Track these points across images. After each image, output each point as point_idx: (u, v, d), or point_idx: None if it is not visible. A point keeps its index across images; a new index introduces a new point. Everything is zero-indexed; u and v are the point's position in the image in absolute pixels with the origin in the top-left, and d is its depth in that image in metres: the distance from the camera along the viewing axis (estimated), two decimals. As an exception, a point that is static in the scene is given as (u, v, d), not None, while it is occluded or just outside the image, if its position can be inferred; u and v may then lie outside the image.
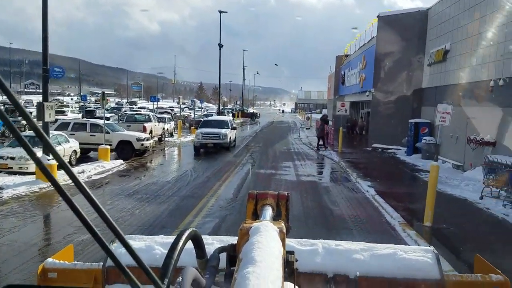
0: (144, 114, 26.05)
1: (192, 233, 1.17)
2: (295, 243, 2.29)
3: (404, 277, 2.15)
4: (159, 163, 18.70)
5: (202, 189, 12.46)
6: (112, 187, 12.91)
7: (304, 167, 17.32)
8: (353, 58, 35.23)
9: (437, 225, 8.71)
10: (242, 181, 13.98)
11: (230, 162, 18.29)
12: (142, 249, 2.34)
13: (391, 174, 16.07)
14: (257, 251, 1.10)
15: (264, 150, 23.39)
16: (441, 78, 19.44)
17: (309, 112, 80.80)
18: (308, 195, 11.88)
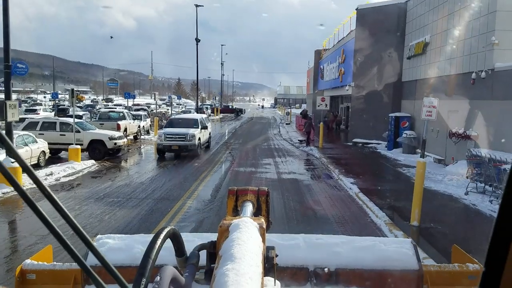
0: (118, 111, 25.08)
1: (170, 231, 1.16)
2: (276, 238, 2.28)
3: (383, 268, 2.18)
4: (133, 162, 17.90)
5: (178, 190, 11.81)
6: (82, 190, 12.11)
7: (285, 164, 16.83)
8: (331, 52, 34.94)
9: (425, 224, 8.34)
10: (221, 181, 13.38)
11: (209, 160, 17.65)
12: (122, 248, 2.33)
13: (374, 170, 15.74)
14: (236, 247, 1.11)
15: (244, 147, 22.81)
16: (421, 71, 19.25)
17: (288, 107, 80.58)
18: (289, 194, 11.38)
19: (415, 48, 19.71)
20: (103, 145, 17.68)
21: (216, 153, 20.30)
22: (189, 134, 18.34)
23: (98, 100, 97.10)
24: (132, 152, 20.90)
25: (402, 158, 17.58)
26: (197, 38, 44.66)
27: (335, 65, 32.31)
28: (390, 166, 16.23)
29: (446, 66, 16.62)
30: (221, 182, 13.12)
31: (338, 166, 15.78)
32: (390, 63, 22.27)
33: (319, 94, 40.83)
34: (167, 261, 1.36)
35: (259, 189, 1.93)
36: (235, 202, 1.89)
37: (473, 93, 14.11)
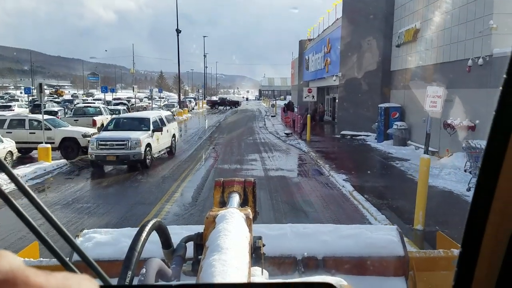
0: (94, 106, 23.72)
1: (156, 223, 1.18)
2: (264, 228, 2.27)
3: (370, 255, 2.21)
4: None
5: (155, 193, 10.77)
6: (50, 194, 10.97)
7: (272, 160, 15.90)
8: (316, 42, 34.03)
9: (430, 228, 7.52)
10: (203, 180, 12.37)
11: (192, 157, 16.60)
12: (109, 242, 2.32)
13: (366, 164, 14.93)
14: (223, 238, 1.12)
15: (228, 142, 21.80)
16: (412, 60, 18.47)
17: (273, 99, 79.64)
18: (278, 194, 10.46)
19: (404, 36, 18.91)
20: (76, 143, 16.44)
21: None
22: (132, 139, 13.42)
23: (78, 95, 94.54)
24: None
25: (393, 151, 16.84)
26: (178, 29, 43.27)
27: (321, 55, 31.43)
28: (382, 159, 15.45)
29: (439, 53, 15.85)
30: (204, 182, 12.11)
31: (328, 161, 14.93)
32: (378, 52, 21.46)
33: (304, 85, 40.01)
34: (156, 254, 1.34)
35: (246, 180, 1.93)
36: (222, 193, 1.88)
37: (470, 81, 13.36)
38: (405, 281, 2.19)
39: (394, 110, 19.16)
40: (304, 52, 41.48)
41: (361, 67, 21.91)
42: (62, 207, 9.51)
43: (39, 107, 37.14)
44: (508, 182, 0.64)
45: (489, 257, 0.66)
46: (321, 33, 32.59)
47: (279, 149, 18.95)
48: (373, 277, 2.20)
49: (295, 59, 51.38)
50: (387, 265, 2.20)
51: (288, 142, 21.34)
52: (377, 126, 20.01)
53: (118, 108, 28.60)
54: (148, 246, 1.11)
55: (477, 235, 0.66)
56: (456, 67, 14.42)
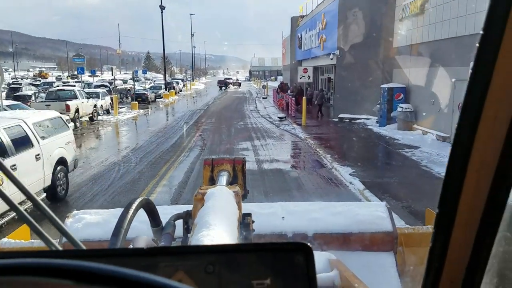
0: (68, 89, 21.59)
1: (143, 201, 1.14)
2: (255, 207, 2.25)
3: (359, 231, 2.22)
4: (83, 153, 14.77)
5: (129, 192, 9.03)
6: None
7: (265, 149, 14.18)
8: (310, 18, 31.93)
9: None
10: (187, 176, 10.63)
11: (176, 146, 14.80)
12: (99, 223, 2.29)
13: (371, 153, 13.32)
14: (211, 215, 1.11)
15: (217, 128, 19.99)
16: (418, 34, 16.68)
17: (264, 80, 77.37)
18: (275, 193, 8.78)
19: (410, 8, 17.07)
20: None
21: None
22: None
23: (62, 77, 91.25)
24: (81, 138, 17.74)
25: (399, 136, 15.21)
26: (162, 5, 40.77)
27: (315, 32, 29.40)
28: (388, 147, 13.81)
29: (452, 26, 14.07)
30: (187, 178, 10.36)
31: (328, 150, 13.26)
32: (379, 27, 19.60)
33: (297, 65, 38.03)
34: (145, 234, 1.29)
35: (235, 158, 1.92)
36: (211, 172, 1.88)
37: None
38: (393, 256, 2.19)
39: (399, 91, 17.46)
40: (296, 30, 39.31)
41: (360, 44, 20.07)
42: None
43: (17, 91, 34.94)
44: (483, 142, 0.64)
45: (466, 218, 0.66)
46: (315, 8, 30.48)
47: (272, 136, 17.21)
48: (362, 252, 2.20)
49: (287, 37, 49.14)
50: (376, 240, 2.20)
51: (282, 127, 19.60)
52: (379, 109, 18.32)
53: (97, 91, 26.43)
54: (138, 225, 1.16)
55: (454, 196, 0.67)
56: (473, 42, 12.65)
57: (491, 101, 0.63)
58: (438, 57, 14.98)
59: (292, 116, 23.24)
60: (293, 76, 39.82)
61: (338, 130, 18.03)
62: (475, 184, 0.65)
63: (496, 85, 0.63)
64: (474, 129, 0.64)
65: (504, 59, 0.62)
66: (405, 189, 8.90)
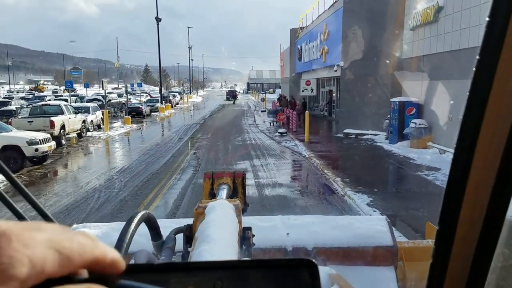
0: (54, 104, 20.15)
1: (145, 215, 1.14)
2: (254, 220, 2.25)
3: (359, 245, 2.23)
4: (61, 176, 13.25)
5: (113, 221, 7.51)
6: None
7: (266, 170, 12.72)
8: (311, 29, 30.81)
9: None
10: (176, 206, 9.14)
11: (167, 166, 13.34)
12: (98, 236, 1.74)
13: (387, 176, 11.89)
14: (212, 229, 1.13)
15: (213, 145, 18.53)
16: (431, 44, 15.40)
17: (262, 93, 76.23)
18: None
19: (421, 16, 15.82)
20: (20, 152, 13.04)
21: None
22: None
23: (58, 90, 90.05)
24: (66, 157, 16.25)
25: (414, 155, 13.78)
26: (157, 17, 39.71)
27: (316, 44, 28.24)
28: (405, 168, 12.36)
29: (472, 35, 12.78)
30: (177, 206, 8.88)
31: (337, 171, 11.80)
32: (387, 36, 18.36)
33: (297, 77, 36.82)
34: (145, 247, 1.32)
35: (235, 171, 1.95)
36: (211, 185, 1.90)
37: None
38: (394, 271, 2.19)
39: (410, 105, 16.08)
40: (296, 42, 38.22)
41: (366, 55, 18.81)
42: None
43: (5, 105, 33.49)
44: (481, 159, 0.65)
45: (466, 233, 0.67)
46: (315, 19, 29.38)
47: (273, 154, 15.76)
48: (362, 267, 2.20)
49: (285, 50, 48.09)
50: (376, 254, 2.20)
51: (283, 143, 18.16)
52: (389, 124, 16.93)
53: (87, 106, 25.03)
54: (138, 239, 1.11)
55: (454, 212, 0.68)
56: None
57: (489, 119, 0.63)
58: (455, 68, 13.66)
59: (293, 131, 21.85)
60: (293, 88, 38.59)
61: (345, 148, 16.59)
62: (474, 199, 0.66)
63: (494, 103, 0.63)
64: (472, 146, 0.65)
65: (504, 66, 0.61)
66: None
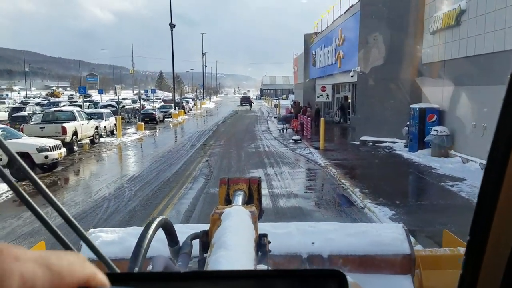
0: (67, 110, 20.02)
1: (162, 221, 1.17)
2: (269, 227, 2.20)
3: (376, 253, 2.21)
4: (70, 184, 12.98)
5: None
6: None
7: (280, 179, 12.25)
8: (325, 34, 30.34)
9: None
10: (186, 217, 8.73)
11: (178, 174, 12.97)
12: (115, 241, 2.37)
13: (408, 186, 11.31)
14: (229, 235, 1.15)
15: (225, 152, 18.14)
16: (453, 49, 14.79)
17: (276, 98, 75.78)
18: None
19: (442, 20, 15.23)
20: (30, 159, 12.83)
21: (189, 161, 15.28)
22: None
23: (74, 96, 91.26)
24: (77, 164, 16.04)
25: (436, 165, 13.15)
26: (171, 23, 39.73)
27: (331, 49, 27.75)
28: (427, 178, 11.74)
29: (497, 39, 12.16)
30: (188, 217, 8.48)
31: (355, 181, 11.27)
32: (406, 41, 17.78)
33: (311, 83, 36.33)
34: (161, 253, 1.34)
35: (251, 178, 1.96)
36: (227, 191, 1.92)
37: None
38: (411, 279, 2.15)
39: (431, 112, 15.45)
40: (310, 47, 37.76)
41: (384, 59, 18.25)
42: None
43: (20, 111, 33.72)
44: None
45: (497, 246, 0.66)
46: (330, 24, 28.90)
47: (288, 162, 15.27)
48: (378, 275, 2.17)
49: (299, 55, 47.68)
50: (393, 262, 2.17)
51: (297, 151, 17.67)
52: (409, 132, 16.30)
53: (101, 112, 24.94)
54: (154, 244, 1.11)
55: (486, 223, 0.66)
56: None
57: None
58: (479, 74, 13.05)
59: (307, 138, 21.34)
60: (307, 94, 38.09)
61: (363, 156, 16.01)
62: (506, 212, 0.65)
63: None
64: (506, 156, 0.63)
65: None
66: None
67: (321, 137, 18.05)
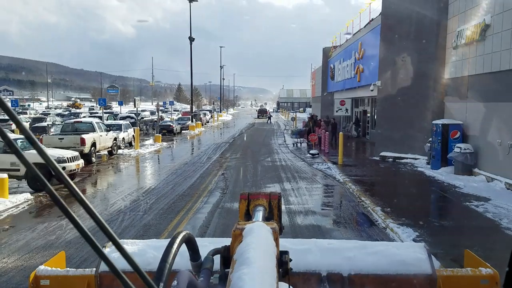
0: (86, 122, 20.20)
1: (186, 236, 1.19)
2: (288, 243, 2.22)
3: (397, 273, 2.15)
4: (86, 196, 12.90)
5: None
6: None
7: (297, 195, 11.97)
8: (344, 48, 30.15)
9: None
10: (201, 233, 8.52)
11: (194, 187, 12.82)
12: (135, 253, 2.33)
13: (431, 206, 10.89)
14: (251, 252, 1.14)
15: (241, 165, 17.95)
16: (477, 64, 14.38)
17: (292, 112, 75.53)
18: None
19: (467, 34, 14.86)
20: (47, 170, 12.72)
21: (204, 175, 15.02)
22: None
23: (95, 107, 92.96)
24: (95, 175, 16.07)
25: (460, 183, 12.67)
26: (191, 37, 40.17)
27: (350, 63, 27.50)
28: (451, 198, 11.29)
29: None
30: (203, 233, 8.27)
31: (376, 199, 10.90)
32: (427, 55, 17.43)
33: (329, 97, 36.05)
34: (179, 265, 1.34)
35: (271, 193, 1.94)
36: (247, 206, 1.90)
37: None
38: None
39: (455, 128, 14.99)
40: (328, 61, 37.59)
41: (405, 74, 17.90)
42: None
43: (40, 121, 34.30)
44: None
45: None
46: (350, 38, 28.71)
47: (305, 177, 14.98)
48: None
49: (316, 69, 47.56)
50: (415, 282, 2.11)
51: (315, 166, 17.36)
52: (431, 148, 15.84)
53: (120, 123, 25.13)
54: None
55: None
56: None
57: None
58: (505, 90, 12.61)
59: (325, 153, 21.02)
60: (325, 108, 37.78)
61: (383, 172, 15.60)
62: None
63: None
64: None
65: None
66: (498, 268, 6.44)
67: (339, 152, 17.71)
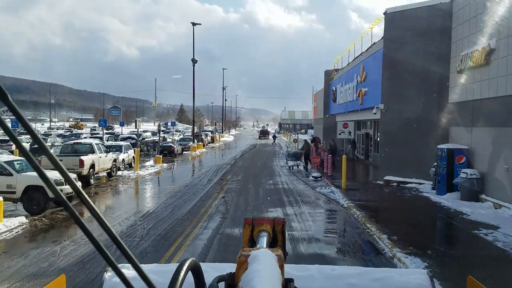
0: (85, 143, 19.99)
1: (192, 263, 1.16)
2: (290, 269, 2.21)
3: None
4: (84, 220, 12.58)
5: None
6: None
7: (300, 220, 11.61)
8: (346, 71, 30.17)
9: None
10: (201, 257, 8.02)
11: (192, 212, 12.47)
12: (136, 278, 1.64)
13: (439, 234, 10.52)
14: (256, 279, 1.14)
15: (242, 188, 17.61)
16: (482, 88, 14.22)
17: (294, 133, 75.53)
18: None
19: (471, 59, 14.76)
20: (43, 193, 12.58)
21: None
22: None
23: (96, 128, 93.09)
24: (92, 198, 15.74)
25: (467, 210, 12.31)
26: (194, 58, 40.43)
27: (352, 85, 27.44)
28: (458, 225, 10.91)
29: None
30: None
31: (382, 226, 10.54)
32: (431, 79, 17.31)
33: (331, 119, 35.91)
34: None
35: (275, 218, 1.94)
36: (251, 232, 1.90)
37: None
38: None
39: (460, 153, 14.72)
40: (330, 83, 37.63)
41: (409, 97, 17.75)
42: None
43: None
44: None
45: None
46: (351, 61, 28.76)
47: (308, 201, 14.62)
48: None
49: (318, 91, 47.64)
50: None
51: (318, 189, 17.02)
52: (436, 173, 15.52)
53: (120, 144, 24.92)
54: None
55: None
56: None
57: None
58: (510, 115, 12.41)
59: (328, 176, 20.69)
60: (327, 130, 37.62)
61: (388, 197, 15.23)
62: None
63: None
64: None
65: None
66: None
67: (342, 175, 17.39)
